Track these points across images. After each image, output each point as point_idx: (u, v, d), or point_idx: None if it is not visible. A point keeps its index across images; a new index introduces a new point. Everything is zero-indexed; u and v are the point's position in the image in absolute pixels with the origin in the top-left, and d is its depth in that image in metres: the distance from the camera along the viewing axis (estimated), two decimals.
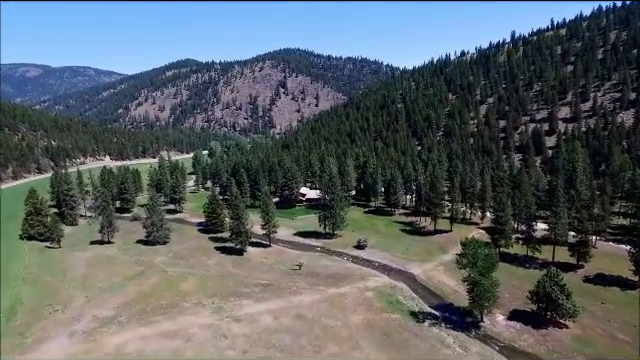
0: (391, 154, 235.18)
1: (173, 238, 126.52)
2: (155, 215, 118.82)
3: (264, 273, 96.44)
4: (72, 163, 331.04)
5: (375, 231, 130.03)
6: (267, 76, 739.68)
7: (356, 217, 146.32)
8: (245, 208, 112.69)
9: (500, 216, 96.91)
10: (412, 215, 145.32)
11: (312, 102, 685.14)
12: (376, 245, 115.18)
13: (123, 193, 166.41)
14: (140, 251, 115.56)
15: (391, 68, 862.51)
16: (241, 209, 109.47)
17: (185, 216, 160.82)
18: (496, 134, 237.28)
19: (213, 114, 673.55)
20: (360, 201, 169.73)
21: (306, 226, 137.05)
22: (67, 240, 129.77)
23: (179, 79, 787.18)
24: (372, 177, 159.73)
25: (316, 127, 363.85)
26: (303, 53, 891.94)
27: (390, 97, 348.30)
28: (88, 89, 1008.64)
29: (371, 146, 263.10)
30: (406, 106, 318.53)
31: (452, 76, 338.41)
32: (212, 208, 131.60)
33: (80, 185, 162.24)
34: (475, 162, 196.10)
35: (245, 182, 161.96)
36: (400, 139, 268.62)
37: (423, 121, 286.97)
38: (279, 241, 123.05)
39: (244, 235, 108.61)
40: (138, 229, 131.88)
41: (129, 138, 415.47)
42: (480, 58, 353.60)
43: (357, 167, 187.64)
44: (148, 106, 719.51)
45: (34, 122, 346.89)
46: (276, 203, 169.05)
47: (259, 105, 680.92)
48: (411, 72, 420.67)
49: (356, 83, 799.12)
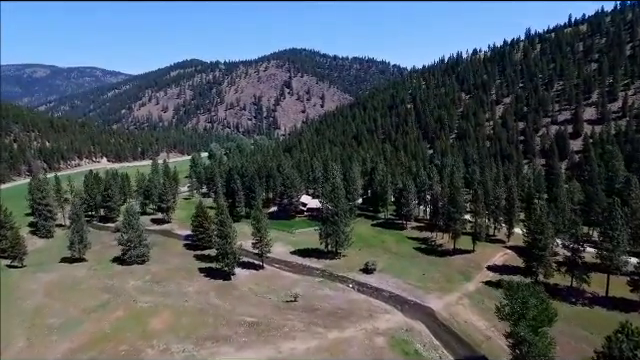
0: (401, 158, 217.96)
1: (154, 255, 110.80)
2: (131, 231, 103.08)
3: (252, 306, 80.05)
4: (67, 165, 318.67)
5: (385, 250, 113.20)
6: (272, 76, 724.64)
7: (363, 231, 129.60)
8: (232, 224, 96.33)
9: (538, 239, 79.59)
10: (426, 229, 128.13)
11: (317, 102, 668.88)
12: (386, 269, 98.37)
13: (107, 201, 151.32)
14: (113, 272, 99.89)
15: (398, 68, 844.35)
16: (227, 225, 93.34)
17: (173, 227, 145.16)
18: (515, 137, 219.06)
19: (216, 114, 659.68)
20: (367, 212, 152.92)
21: (306, 242, 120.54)
22: (35, 256, 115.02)
23: (183, 79, 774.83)
24: (381, 185, 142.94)
25: (321, 128, 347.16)
26: (309, 53, 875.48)
27: (399, 97, 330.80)
28: (94, 89, 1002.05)
29: (379, 149, 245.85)
30: (416, 106, 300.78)
31: (465, 75, 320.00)
32: (199, 221, 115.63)
33: (58, 192, 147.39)
34: (495, 168, 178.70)
35: (239, 190, 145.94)
36: (410, 142, 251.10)
37: (435, 122, 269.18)
38: (274, 261, 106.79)
39: (231, 257, 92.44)
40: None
41: (127, 139, 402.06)
42: (494, 56, 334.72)
43: (364, 173, 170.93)
44: (151, 106, 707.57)
45: (28, 123, 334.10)
46: (274, 213, 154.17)
47: (263, 105, 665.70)
48: (421, 71, 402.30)
49: (363, 83, 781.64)
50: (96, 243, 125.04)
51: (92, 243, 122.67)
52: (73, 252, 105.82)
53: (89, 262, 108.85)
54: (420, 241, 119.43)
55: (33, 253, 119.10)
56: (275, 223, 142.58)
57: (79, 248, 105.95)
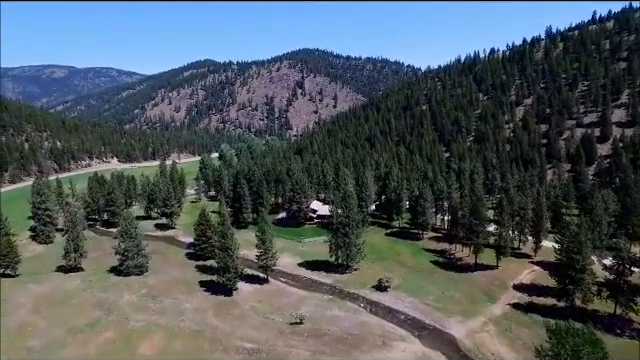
0: (416, 162, 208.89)
1: (153, 265, 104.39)
2: (129, 240, 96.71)
3: (253, 329, 72.63)
4: (77, 165, 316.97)
5: (400, 263, 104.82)
6: (284, 76, 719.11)
7: (376, 241, 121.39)
8: (234, 236, 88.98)
9: (575, 259, 70.37)
10: (444, 240, 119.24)
11: (330, 103, 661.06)
12: (402, 286, 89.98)
13: (110, 204, 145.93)
14: (108, 284, 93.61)
15: (412, 68, 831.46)
16: (229, 237, 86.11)
17: (177, 234, 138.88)
18: (537, 140, 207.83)
19: (228, 115, 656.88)
20: (381, 219, 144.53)
21: (315, 252, 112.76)
22: (31, 264, 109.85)
23: (196, 79, 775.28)
24: (396, 192, 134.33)
25: (333, 130, 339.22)
26: (322, 53, 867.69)
27: (414, 98, 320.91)
28: (109, 89, 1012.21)
29: (393, 152, 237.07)
30: (431, 108, 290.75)
31: (482, 75, 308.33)
32: (202, 230, 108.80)
33: (60, 196, 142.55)
34: (516, 173, 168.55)
35: (246, 195, 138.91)
36: (426, 144, 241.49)
37: (451, 124, 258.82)
38: (280, 274, 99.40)
39: (233, 271, 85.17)
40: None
41: (139, 139, 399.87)
42: (513, 55, 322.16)
43: (377, 178, 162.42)
44: (164, 106, 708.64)
45: (40, 123, 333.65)
46: (282, 220, 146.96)
47: (275, 106, 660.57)
48: (436, 71, 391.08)
49: (376, 84, 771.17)
50: (96, 250, 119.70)
51: (92, 250, 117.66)
52: (68, 261, 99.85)
53: (85, 272, 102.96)
54: (438, 254, 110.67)
55: (30, 260, 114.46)
56: (283, 231, 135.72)
57: (74, 257, 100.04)
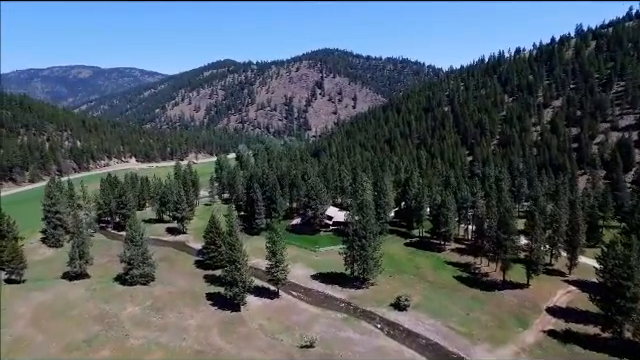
0: (437, 166, 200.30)
1: (160, 273, 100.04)
2: (134, 248, 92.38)
3: (259, 351, 66.85)
4: (96, 165, 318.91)
5: (420, 277, 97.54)
6: (303, 76, 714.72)
7: (394, 252, 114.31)
8: (243, 248, 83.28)
9: (625, 285, 61.91)
10: (468, 253, 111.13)
11: (349, 104, 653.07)
12: (422, 304, 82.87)
13: (121, 207, 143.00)
14: (112, 294, 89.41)
15: (433, 69, 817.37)
16: (237, 249, 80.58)
17: (188, 239, 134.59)
18: (567, 145, 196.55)
19: (247, 115, 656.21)
20: (400, 227, 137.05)
21: (330, 263, 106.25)
22: (38, 269, 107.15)
23: (216, 79, 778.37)
24: (416, 199, 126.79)
25: (351, 131, 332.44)
26: (341, 53, 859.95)
27: (435, 99, 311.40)
28: (131, 89, 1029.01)
29: (413, 155, 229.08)
30: (454, 109, 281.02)
31: (508, 75, 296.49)
32: (211, 237, 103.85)
33: (71, 198, 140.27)
34: (545, 180, 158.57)
35: (259, 200, 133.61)
36: (448, 148, 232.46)
37: (474, 127, 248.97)
38: (291, 287, 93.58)
39: (241, 286, 79.61)
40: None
41: (157, 139, 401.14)
42: (541, 55, 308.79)
43: (397, 183, 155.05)
44: (184, 106, 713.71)
45: (61, 122, 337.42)
46: (296, 226, 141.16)
47: (294, 106, 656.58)
48: (459, 71, 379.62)
49: (396, 84, 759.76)
50: (104, 255, 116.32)
51: (100, 255, 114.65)
52: (73, 268, 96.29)
53: (91, 279, 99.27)
54: (461, 268, 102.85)
55: (38, 264, 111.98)
56: (297, 238, 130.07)
57: (79, 264, 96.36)
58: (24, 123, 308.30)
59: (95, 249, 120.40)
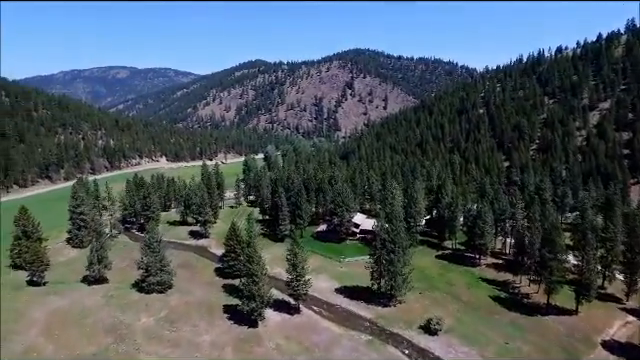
0: (472, 172, 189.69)
1: (178, 281, 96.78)
2: (152, 255, 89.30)
3: None
4: (127, 164, 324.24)
5: (452, 296, 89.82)
6: (334, 77, 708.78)
7: (425, 265, 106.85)
8: (261, 260, 78.18)
9: None
10: (506, 269, 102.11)
11: (380, 104, 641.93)
12: (455, 328, 75.40)
13: (145, 209, 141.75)
14: (128, 302, 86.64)
15: (467, 69, 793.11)
16: (255, 262, 75.67)
17: (209, 244, 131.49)
18: (617, 150, 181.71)
19: (277, 115, 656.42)
20: (431, 237, 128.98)
21: (356, 275, 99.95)
22: (61, 270, 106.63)
23: (246, 79, 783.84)
24: (449, 209, 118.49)
25: (382, 133, 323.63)
26: (372, 53, 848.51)
27: (470, 101, 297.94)
28: (165, 89, 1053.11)
29: (446, 160, 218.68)
30: (489, 112, 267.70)
31: (548, 76, 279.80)
32: (231, 245, 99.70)
33: (97, 199, 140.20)
34: (593, 190, 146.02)
35: (283, 206, 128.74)
36: (483, 152, 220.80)
37: (512, 131, 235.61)
38: (313, 301, 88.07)
39: (259, 301, 74.67)
40: None
41: (187, 139, 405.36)
42: (586, 53, 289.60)
43: (429, 190, 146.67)
44: (215, 106, 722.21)
45: (96, 122, 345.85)
46: (322, 233, 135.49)
47: (324, 107, 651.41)
48: (495, 72, 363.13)
49: (428, 85, 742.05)
50: (125, 258, 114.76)
51: (121, 258, 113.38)
52: (92, 273, 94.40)
53: (109, 284, 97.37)
54: (498, 286, 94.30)
55: (61, 265, 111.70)
56: (321, 246, 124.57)
57: (98, 269, 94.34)
58: (62, 122, 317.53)
59: (117, 252, 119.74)
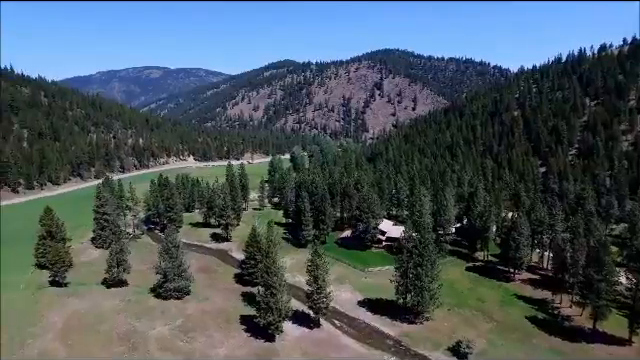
0: (505, 177, 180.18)
1: (197, 286, 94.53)
2: (169, 260, 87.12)
3: None
4: (156, 162, 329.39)
5: (484, 314, 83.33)
6: (362, 77, 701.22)
7: (454, 278, 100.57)
8: (279, 270, 74.20)
9: None
10: (544, 286, 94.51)
11: (409, 105, 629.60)
12: (487, 352, 69.31)
13: (168, 210, 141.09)
14: (144, 308, 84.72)
15: (499, 69, 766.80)
16: (273, 273, 71.82)
17: (231, 247, 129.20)
18: None
19: (305, 115, 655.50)
20: (461, 247, 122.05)
21: (380, 287, 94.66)
22: (82, 271, 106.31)
23: (275, 79, 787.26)
24: (482, 219, 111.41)
25: (410, 135, 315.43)
26: (402, 53, 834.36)
27: (503, 102, 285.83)
28: (196, 88, 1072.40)
29: (477, 164, 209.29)
30: (524, 114, 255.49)
31: (590, 76, 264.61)
32: (251, 252, 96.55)
33: (121, 199, 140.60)
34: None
35: (307, 211, 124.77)
36: (517, 157, 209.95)
37: (549, 134, 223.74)
38: (335, 313, 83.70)
39: (276, 314, 70.86)
40: None
41: (215, 138, 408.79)
42: (634, 52, 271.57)
43: (460, 197, 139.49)
44: (244, 105, 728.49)
45: (127, 120, 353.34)
46: (346, 240, 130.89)
47: (352, 107, 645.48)
48: (531, 72, 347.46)
49: (459, 86, 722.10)
50: (146, 261, 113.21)
51: (141, 260, 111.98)
52: (110, 276, 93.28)
53: (128, 287, 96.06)
54: (535, 305, 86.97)
55: (84, 266, 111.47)
56: (345, 254, 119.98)
57: (117, 272, 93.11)
58: (94, 121, 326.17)
59: (138, 253, 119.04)
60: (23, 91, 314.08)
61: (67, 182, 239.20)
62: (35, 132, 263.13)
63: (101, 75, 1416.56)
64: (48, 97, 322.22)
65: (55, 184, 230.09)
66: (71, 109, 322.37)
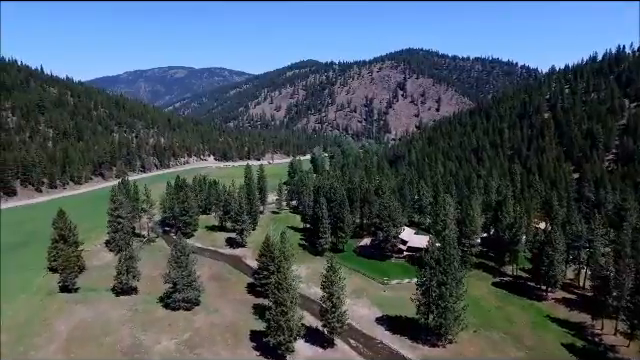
0: (535, 184, 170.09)
1: (208, 296, 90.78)
2: (179, 269, 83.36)
3: None
4: (176, 162, 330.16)
5: (514, 338, 76.09)
6: (385, 77, 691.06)
7: (480, 294, 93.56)
8: (291, 287, 69.19)
9: None
10: (581, 307, 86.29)
11: (433, 106, 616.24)
12: None
13: (183, 213, 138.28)
14: (151, 319, 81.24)
15: (527, 69, 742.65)
16: (284, 289, 66.84)
17: (245, 254, 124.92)
18: None
19: (326, 115, 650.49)
20: (487, 259, 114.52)
21: (400, 302, 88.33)
22: (93, 275, 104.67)
23: (297, 79, 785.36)
24: (511, 231, 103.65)
25: (434, 137, 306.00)
26: (426, 53, 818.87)
27: (533, 104, 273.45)
28: (220, 88, 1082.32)
29: (505, 169, 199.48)
30: (556, 117, 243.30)
31: (630, 75, 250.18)
32: (264, 262, 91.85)
33: (136, 201, 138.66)
34: None
35: (324, 218, 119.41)
36: (548, 162, 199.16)
37: (583, 138, 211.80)
38: (351, 331, 77.92)
39: (287, 334, 65.89)
40: None
41: (235, 138, 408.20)
42: None
43: (487, 205, 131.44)
44: (266, 105, 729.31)
45: (149, 120, 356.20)
46: (365, 249, 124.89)
47: (375, 108, 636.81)
48: (563, 72, 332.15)
49: (485, 86, 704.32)
50: (158, 266, 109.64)
51: (154, 265, 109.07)
52: (119, 283, 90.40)
53: (137, 295, 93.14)
54: (572, 330, 79.06)
55: (96, 270, 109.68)
56: (364, 264, 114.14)
57: (125, 280, 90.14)
58: (117, 121, 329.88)
59: (151, 257, 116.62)
60: (51, 91, 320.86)
61: (89, 181, 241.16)
62: (60, 132, 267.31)
63: (128, 75, 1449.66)
64: (74, 97, 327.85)
65: (77, 183, 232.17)
66: (95, 109, 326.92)
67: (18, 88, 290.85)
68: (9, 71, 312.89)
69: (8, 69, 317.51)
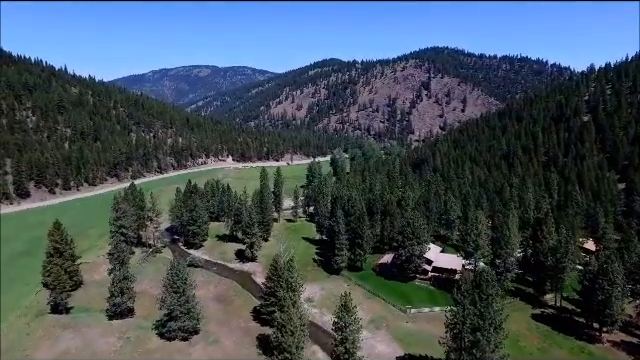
0: (576, 196, 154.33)
1: (209, 322, 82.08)
2: (174, 296, 73.97)
3: None
4: (194, 163, 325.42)
5: None
6: (409, 76, 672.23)
7: (519, 330, 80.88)
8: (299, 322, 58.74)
9: None
10: None
11: (458, 107, 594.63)
12: None
13: (191, 223, 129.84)
14: (143, 352, 72.18)
15: (558, 68, 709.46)
16: (292, 324, 56.45)
17: (255, 270, 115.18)
18: None
19: (348, 115, 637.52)
20: (524, 284, 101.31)
21: (425, 337, 76.88)
22: (90, 291, 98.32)
23: (319, 78, 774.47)
24: (554, 256, 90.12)
25: (460, 140, 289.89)
26: (451, 52, 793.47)
27: (570, 106, 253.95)
28: (242, 87, 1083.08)
29: (539, 177, 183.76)
30: (597, 120, 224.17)
31: None
32: (271, 288, 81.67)
33: (141, 210, 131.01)
34: None
35: (341, 233, 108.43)
36: (588, 171, 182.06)
37: (629, 144, 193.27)
38: None
39: None
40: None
41: (255, 138, 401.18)
42: None
43: (524, 222, 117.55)
44: (287, 104, 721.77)
45: (168, 119, 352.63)
46: (385, 267, 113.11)
47: (398, 108, 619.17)
48: (604, 70, 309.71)
49: (512, 86, 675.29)
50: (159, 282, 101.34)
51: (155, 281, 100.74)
52: (111, 307, 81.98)
53: (132, 319, 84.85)
54: None
55: (93, 285, 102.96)
56: (383, 286, 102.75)
57: (119, 302, 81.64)
58: (136, 121, 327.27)
59: (154, 271, 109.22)
60: (72, 91, 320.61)
61: (104, 182, 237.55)
62: (78, 132, 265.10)
63: (153, 74, 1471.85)
64: (94, 96, 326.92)
65: (91, 185, 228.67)
66: (115, 108, 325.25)
67: (40, 88, 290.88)
68: (33, 71, 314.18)
69: (32, 69, 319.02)
